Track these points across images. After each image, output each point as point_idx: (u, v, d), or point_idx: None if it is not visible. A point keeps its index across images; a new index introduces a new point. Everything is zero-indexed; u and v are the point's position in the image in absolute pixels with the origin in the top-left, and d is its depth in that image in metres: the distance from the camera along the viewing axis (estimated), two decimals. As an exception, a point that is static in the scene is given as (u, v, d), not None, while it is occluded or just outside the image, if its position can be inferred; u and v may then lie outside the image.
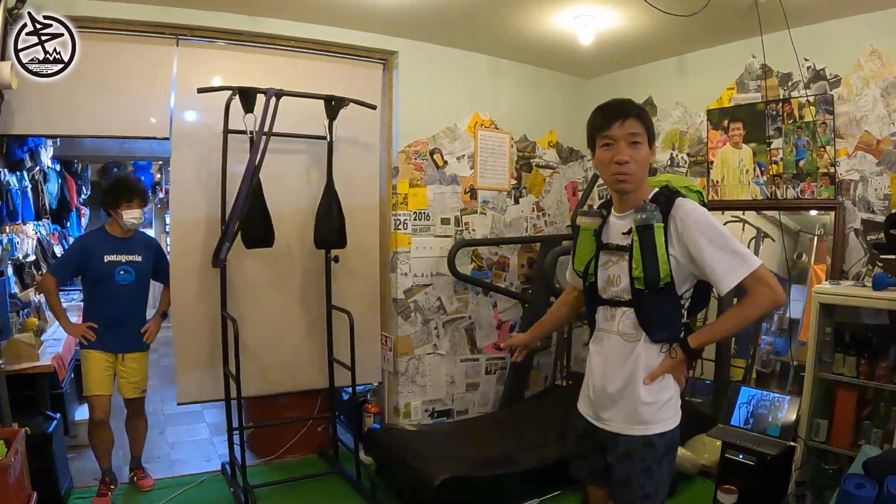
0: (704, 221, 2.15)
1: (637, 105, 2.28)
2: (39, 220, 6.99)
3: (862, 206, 4.05)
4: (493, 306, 5.44)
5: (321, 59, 4.70)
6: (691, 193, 2.33)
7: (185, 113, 4.31)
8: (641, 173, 2.25)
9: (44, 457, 3.81)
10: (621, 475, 2.31)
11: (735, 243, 2.13)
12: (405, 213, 4.92)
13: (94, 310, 4.13)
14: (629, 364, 2.28)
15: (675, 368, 2.27)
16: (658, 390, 2.26)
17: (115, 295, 4.09)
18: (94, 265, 4.05)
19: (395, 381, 5.03)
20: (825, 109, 4.17)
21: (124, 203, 4.04)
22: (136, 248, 4.19)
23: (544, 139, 5.70)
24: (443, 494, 3.69)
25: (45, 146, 6.67)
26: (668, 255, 2.17)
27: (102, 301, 4.11)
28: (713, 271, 2.12)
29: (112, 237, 4.14)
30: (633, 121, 2.21)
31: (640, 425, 2.27)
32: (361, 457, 4.47)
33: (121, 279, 4.10)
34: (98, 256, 4.05)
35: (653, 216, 2.17)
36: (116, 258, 4.09)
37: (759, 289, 2.12)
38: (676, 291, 2.23)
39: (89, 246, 4.11)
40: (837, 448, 3.61)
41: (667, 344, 2.26)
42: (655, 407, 2.26)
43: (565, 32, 4.45)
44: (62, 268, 4.22)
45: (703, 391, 4.79)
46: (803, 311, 4.35)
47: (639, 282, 2.21)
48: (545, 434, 4.46)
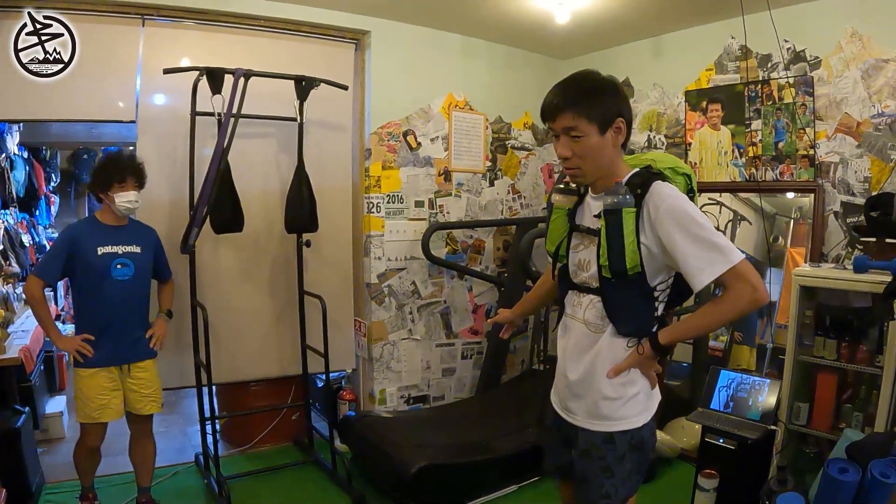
0: (679, 209, 1.94)
1: (576, 91, 2.02)
2: (6, 209, 6.85)
3: (842, 188, 4.03)
4: (468, 290, 5.40)
5: (291, 39, 4.59)
6: (677, 176, 2.15)
7: (152, 95, 4.20)
8: (595, 162, 2.04)
9: (12, 452, 3.71)
10: (580, 472, 2.19)
11: (714, 234, 1.92)
12: (378, 195, 4.85)
13: (88, 315, 3.50)
14: (590, 355, 2.13)
15: (641, 364, 2.10)
16: (622, 385, 2.10)
17: (113, 294, 3.46)
18: (85, 260, 3.41)
19: (369, 368, 4.97)
20: (805, 91, 4.13)
21: (116, 184, 3.42)
22: (133, 238, 3.57)
23: (519, 121, 5.65)
24: (420, 482, 3.65)
25: (11, 132, 6.54)
26: (638, 243, 1.98)
27: (97, 303, 3.46)
28: (686, 264, 1.92)
29: (104, 226, 3.51)
30: (567, 115, 1.99)
31: (600, 420, 2.13)
32: (337, 445, 4.41)
33: (118, 274, 3.47)
34: (90, 249, 3.42)
35: (623, 201, 1.98)
36: (112, 250, 3.47)
37: (739, 286, 1.91)
38: (648, 282, 2.05)
39: (78, 238, 3.45)
40: (818, 431, 3.58)
41: (634, 338, 2.09)
42: (619, 402, 2.10)
43: (541, 12, 4.39)
44: (49, 267, 3.46)
45: (681, 374, 4.77)
46: (780, 294, 4.33)
47: (605, 270, 2.03)
48: (523, 419, 4.42)
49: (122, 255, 3.49)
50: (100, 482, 3.85)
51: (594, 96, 2.01)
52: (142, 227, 3.70)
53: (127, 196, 3.44)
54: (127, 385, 3.54)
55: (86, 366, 3.42)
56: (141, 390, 3.58)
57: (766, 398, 3.76)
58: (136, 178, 3.50)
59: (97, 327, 3.45)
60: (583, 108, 1.98)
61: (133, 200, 3.47)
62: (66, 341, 3.47)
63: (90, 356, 3.41)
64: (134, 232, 3.61)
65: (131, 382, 3.55)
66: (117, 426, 3.63)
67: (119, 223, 3.54)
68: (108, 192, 3.43)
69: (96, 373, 3.43)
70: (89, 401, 3.42)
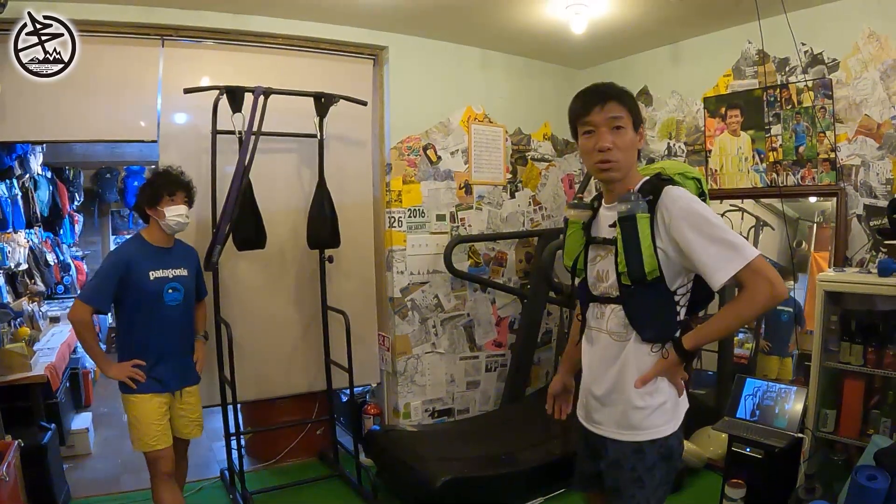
0: (692, 210, 1.98)
1: (618, 87, 2.13)
2: (31, 229, 6.94)
3: (864, 191, 3.99)
4: (491, 303, 5.39)
5: (310, 56, 4.63)
6: (687, 181, 2.18)
7: (173, 114, 4.25)
8: (627, 160, 2.10)
9: (39, 468, 3.77)
10: (611, 483, 2.18)
11: (727, 232, 1.95)
12: (399, 210, 4.86)
13: (139, 341, 3.30)
14: (618, 365, 2.13)
15: (668, 371, 2.10)
16: (650, 394, 2.10)
17: (164, 320, 3.32)
18: (138, 285, 3.23)
19: (393, 382, 4.97)
20: (824, 94, 4.10)
21: (166, 197, 3.27)
22: (181, 261, 3.43)
23: (539, 132, 5.64)
24: (445, 495, 3.65)
25: (34, 153, 6.63)
26: (655, 247, 2.01)
27: (150, 329, 3.29)
28: (702, 264, 1.94)
29: (154, 248, 3.34)
30: (614, 104, 2.07)
31: (629, 430, 2.13)
32: (362, 459, 4.41)
33: (170, 299, 3.31)
34: (142, 273, 3.25)
35: (636, 206, 2.02)
36: (163, 274, 3.31)
37: (756, 283, 1.91)
38: (668, 287, 2.06)
39: (130, 261, 3.24)
40: (846, 438, 3.54)
41: (658, 344, 2.09)
42: (647, 412, 2.10)
43: (557, 22, 4.38)
44: (99, 293, 3.23)
45: (707, 382, 4.73)
46: (804, 299, 4.29)
47: (625, 277, 2.06)
48: (548, 431, 4.40)
49: (172, 280, 3.34)
50: (126, 498, 3.89)
51: (631, 98, 2.14)
52: (186, 247, 3.57)
53: (178, 210, 3.30)
54: (177, 411, 3.43)
55: (139, 392, 3.26)
56: (189, 415, 3.48)
57: (793, 406, 3.72)
58: (186, 192, 3.39)
59: (149, 353, 3.29)
60: (626, 102, 2.10)
61: (184, 215, 3.33)
62: (116, 370, 3.26)
63: (143, 382, 3.25)
64: (181, 254, 3.47)
65: (181, 408, 3.44)
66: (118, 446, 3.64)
67: (167, 244, 3.39)
68: (158, 206, 3.27)
69: (150, 398, 3.28)
70: (148, 428, 3.26)
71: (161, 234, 3.34)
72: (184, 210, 3.32)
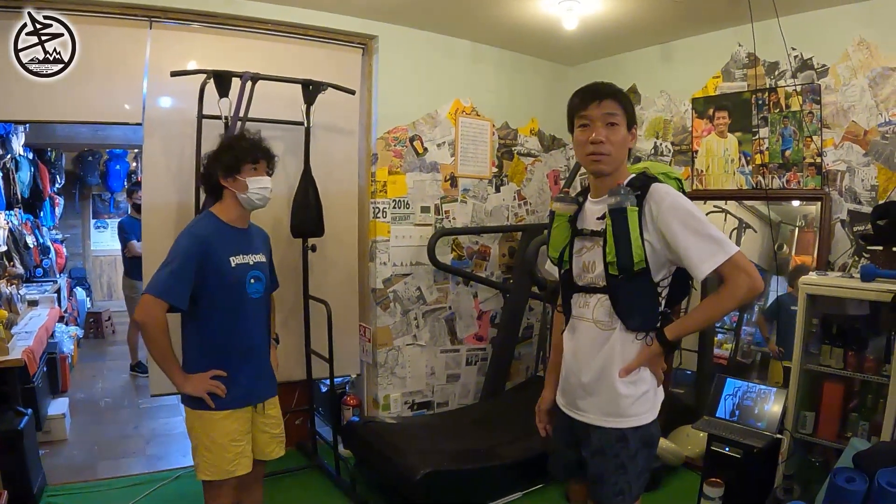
0: (679, 205, 2.11)
1: (616, 87, 2.24)
2: (11, 210, 6.85)
3: (849, 196, 4.02)
4: (473, 296, 5.38)
5: (299, 43, 4.59)
6: (669, 180, 2.29)
7: (159, 98, 4.18)
8: (618, 155, 2.21)
9: (15, 454, 3.71)
10: (595, 471, 2.26)
11: (711, 228, 2.08)
12: (384, 201, 4.84)
13: (219, 344, 2.76)
14: (604, 353, 2.22)
15: (650, 360, 2.22)
16: (633, 383, 2.21)
17: (248, 316, 2.81)
18: (219, 274, 2.70)
19: (374, 373, 4.95)
20: (812, 99, 4.13)
21: (248, 165, 2.77)
22: (259, 245, 2.94)
23: (526, 127, 5.64)
24: (424, 488, 3.63)
25: (16, 133, 6.54)
26: (642, 240, 2.12)
27: (234, 329, 2.77)
28: (688, 256, 2.07)
29: (231, 229, 2.81)
30: (611, 102, 2.18)
31: (614, 418, 2.22)
32: (340, 450, 4.40)
33: (252, 290, 2.81)
34: (222, 259, 2.72)
35: (626, 199, 2.12)
36: (244, 260, 2.79)
37: (736, 276, 2.06)
38: (652, 278, 2.17)
39: (208, 243, 2.70)
40: (824, 440, 3.57)
41: (643, 332, 2.20)
42: (630, 400, 2.21)
43: (549, 17, 4.38)
44: (176, 285, 2.62)
45: (686, 381, 4.75)
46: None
47: (613, 267, 2.16)
48: (527, 426, 4.35)
49: (253, 267, 2.83)
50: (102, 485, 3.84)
51: (627, 99, 2.25)
52: (259, 229, 3.05)
53: (261, 182, 2.80)
54: (258, 425, 2.92)
55: (218, 408, 2.71)
56: (271, 430, 2.98)
57: (772, 407, 3.75)
58: (269, 161, 2.90)
59: (230, 362, 2.76)
60: (622, 102, 2.21)
61: (269, 188, 2.84)
62: (194, 383, 2.68)
63: (223, 396, 2.72)
64: (256, 235, 2.98)
65: (264, 422, 2.94)
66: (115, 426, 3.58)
67: (244, 224, 2.87)
68: (238, 175, 2.75)
69: (229, 415, 2.74)
70: (224, 451, 2.72)
71: (239, 211, 2.82)
72: (267, 181, 2.84)
